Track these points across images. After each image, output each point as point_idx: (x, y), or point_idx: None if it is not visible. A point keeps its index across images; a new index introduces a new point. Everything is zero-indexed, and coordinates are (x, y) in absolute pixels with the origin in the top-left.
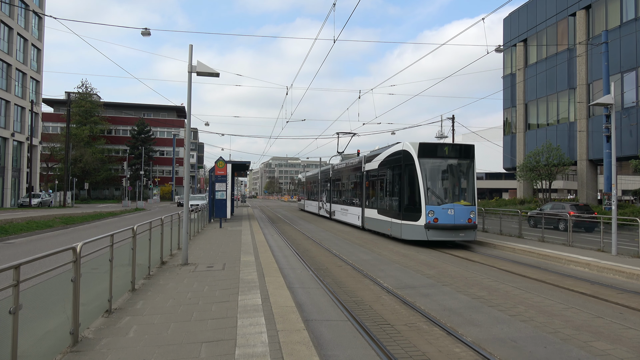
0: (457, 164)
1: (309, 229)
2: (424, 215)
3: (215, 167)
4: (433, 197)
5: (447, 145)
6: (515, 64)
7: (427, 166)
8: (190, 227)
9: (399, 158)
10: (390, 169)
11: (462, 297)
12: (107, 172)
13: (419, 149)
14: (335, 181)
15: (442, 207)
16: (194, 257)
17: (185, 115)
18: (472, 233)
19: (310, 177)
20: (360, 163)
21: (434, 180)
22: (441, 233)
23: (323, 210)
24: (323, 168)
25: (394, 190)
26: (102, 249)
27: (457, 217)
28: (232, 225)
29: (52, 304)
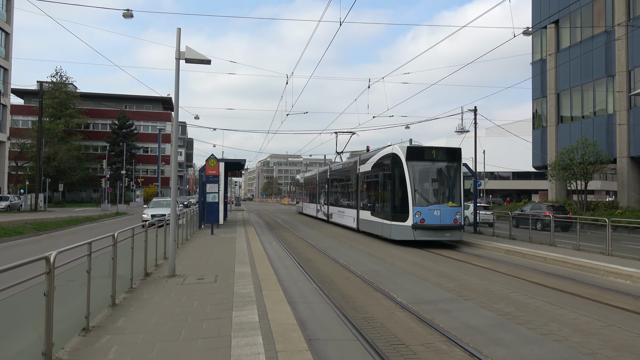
0: (444, 167)
1: (311, 235)
2: (411, 215)
3: (206, 166)
4: (420, 198)
5: (434, 148)
6: (546, 48)
7: (415, 169)
8: (178, 234)
9: (389, 161)
10: (381, 171)
11: (486, 313)
12: (84, 172)
13: (407, 152)
14: (333, 183)
15: (428, 208)
16: (183, 267)
17: (172, 107)
18: (458, 233)
19: (308, 178)
20: (356, 165)
21: (421, 182)
22: (427, 233)
23: (321, 213)
24: (321, 169)
25: (384, 192)
26: (78, 259)
27: (443, 217)
28: (225, 231)
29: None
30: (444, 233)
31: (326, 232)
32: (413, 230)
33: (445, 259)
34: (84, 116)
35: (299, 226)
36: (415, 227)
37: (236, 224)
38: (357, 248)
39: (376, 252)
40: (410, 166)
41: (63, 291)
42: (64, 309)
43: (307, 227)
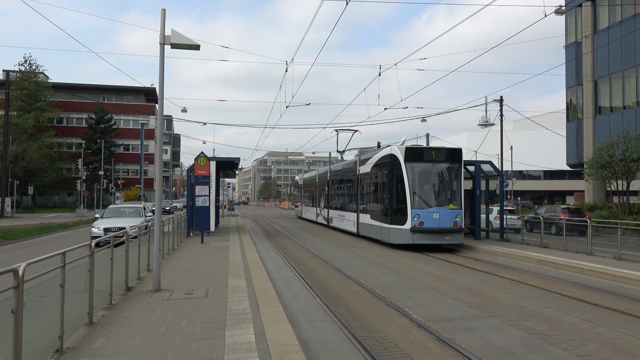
0: (444, 168)
1: (314, 243)
2: (410, 218)
3: (195, 165)
4: (419, 200)
5: (434, 149)
6: (581, 29)
7: (414, 170)
8: (164, 243)
9: (387, 162)
10: (380, 172)
11: (515, 332)
12: (57, 173)
13: (406, 153)
14: (333, 185)
15: (427, 211)
16: (169, 281)
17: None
18: (458, 237)
19: (307, 179)
20: (356, 165)
21: (420, 184)
22: (426, 236)
23: (321, 217)
24: (321, 170)
25: (383, 194)
26: (51, 272)
27: (442, 220)
28: (217, 239)
29: None
30: (443, 236)
31: (330, 239)
32: (412, 233)
33: (467, 270)
34: (56, 109)
35: (300, 233)
36: (413, 230)
37: (229, 231)
38: (365, 257)
39: (388, 262)
40: (408, 167)
41: (34, 308)
42: (34, 328)
43: (309, 233)
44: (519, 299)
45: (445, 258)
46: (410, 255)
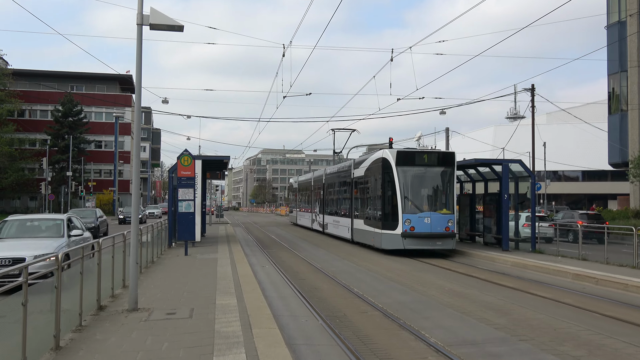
0: (436, 172)
1: (316, 256)
2: (401, 223)
3: (177, 165)
4: (410, 205)
5: (426, 152)
6: (625, 7)
7: (405, 174)
8: (142, 255)
9: (379, 166)
10: (372, 177)
11: (549, 358)
12: (17, 174)
13: (397, 156)
14: (328, 189)
15: (418, 216)
16: (148, 298)
17: (134, 88)
18: (450, 242)
19: (303, 183)
20: (350, 169)
21: (411, 189)
22: (417, 241)
23: (316, 223)
24: (316, 173)
25: (375, 199)
26: (11, 287)
27: (433, 225)
28: (203, 251)
29: None
30: (435, 241)
31: (334, 250)
32: (402, 238)
33: (493, 286)
34: (17, 100)
35: (299, 243)
36: (404, 235)
37: (217, 241)
38: (375, 271)
39: (400, 276)
40: (400, 172)
41: None
42: None
43: (310, 243)
44: (553, 320)
45: (467, 272)
46: (423, 268)
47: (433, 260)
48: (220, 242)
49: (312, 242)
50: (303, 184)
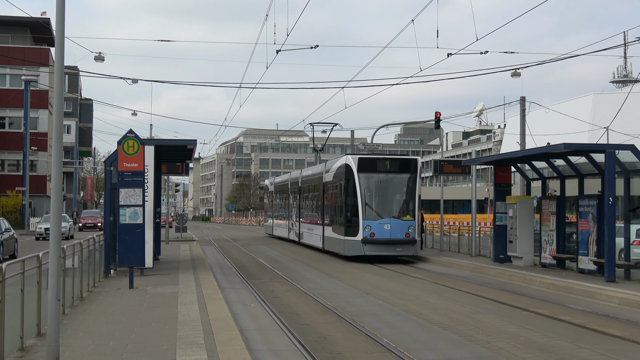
0: (398, 179)
1: (329, 290)
2: (361, 230)
3: (118, 153)
4: (371, 211)
5: (388, 159)
6: None
7: (367, 181)
8: (66, 288)
9: (342, 172)
10: (337, 183)
11: None
12: None
13: (359, 163)
14: (304, 193)
15: (378, 222)
16: (75, 354)
17: (52, 39)
18: (410, 248)
19: (279, 185)
20: (322, 173)
21: (372, 195)
22: (378, 248)
23: (292, 232)
24: (293, 174)
25: (340, 205)
26: None
27: (393, 231)
28: (157, 282)
29: None
30: (394, 248)
31: (351, 279)
32: (363, 245)
33: (594, 335)
34: None
35: (301, 270)
36: (364, 241)
37: (179, 267)
38: (419, 314)
39: (450, 317)
40: (361, 178)
41: None
42: None
43: (318, 270)
44: None
45: (552, 314)
46: (489, 309)
47: (503, 296)
48: (183, 269)
49: (331, 274)
50: (280, 187)
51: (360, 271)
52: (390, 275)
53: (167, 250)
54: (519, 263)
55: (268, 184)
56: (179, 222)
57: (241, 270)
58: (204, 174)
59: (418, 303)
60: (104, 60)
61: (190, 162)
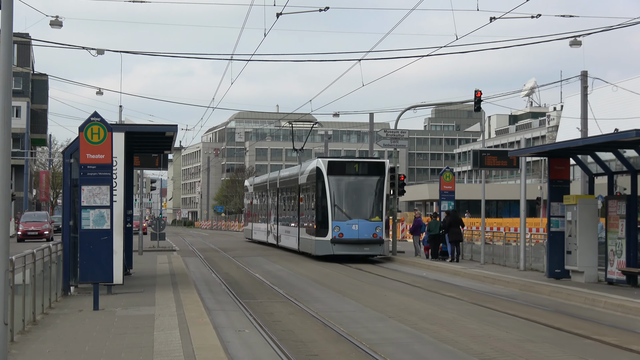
0: (366, 181)
1: (342, 312)
2: (331, 230)
3: (80, 140)
4: (340, 212)
5: (357, 162)
6: None
7: (336, 183)
8: (15, 310)
9: (313, 175)
10: (309, 185)
11: None
12: None
13: (329, 166)
14: (282, 195)
15: (347, 223)
16: None
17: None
18: (378, 247)
19: (259, 185)
20: (297, 175)
21: (342, 197)
22: (346, 247)
23: (271, 235)
24: (272, 175)
25: (312, 206)
26: None
27: (361, 232)
28: (128, 302)
29: None
30: (362, 247)
31: (371, 299)
32: (332, 244)
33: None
34: None
35: (307, 287)
36: (334, 241)
37: (155, 283)
38: (460, 345)
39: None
40: (331, 181)
41: None
42: None
43: (328, 288)
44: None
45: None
46: (537, 336)
47: (560, 320)
48: (161, 286)
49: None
50: (259, 187)
51: (382, 289)
52: (419, 294)
53: (141, 262)
54: (579, 279)
55: (248, 185)
56: (155, 227)
57: (233, 287)
58: (187, 168)
59: (453, 329)
60: (61, 26)
61: (170, 152)
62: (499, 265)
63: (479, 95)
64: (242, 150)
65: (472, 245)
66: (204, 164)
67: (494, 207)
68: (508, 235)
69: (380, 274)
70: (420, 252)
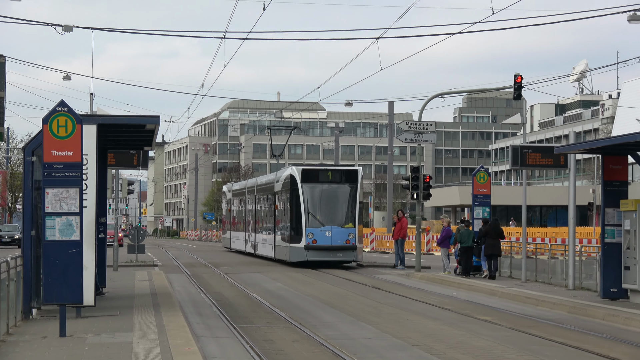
0: (339, 189)
1: (357, 340)
2: (304, 237)
3: (44, 134)
4: (314, 219)
5: (330, 170)
6: None
7: (310, 190)
8: None
9: (287, 182)
10: (284, 193)
11: None
12: None
13: (302, 174)
14: (259, 202)
15: (320, 229)
16: None
17: None
18: (351, 254)
19: (237, 192)
20: (273, 182)
21: (315, 204)
22: (319, 253)
23: (249, 244)
24: (249, 181)
25: (287, 214)
26: None
27: (334, 238)
28: (101, 327)
29: None
30: (335, 253)
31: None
32: (306, 251)
33: None
34: None
35: (314, 309)
36: (307, 247)
37: (133, 304)
38: None
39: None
40: (305, 188)
41: None
42: None
43: (339, 310)
44: None
45: None
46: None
47: (616, 349)
48: (140, 308)
49: (344, 309)
50: (238, 193)
51: (403, 311)
52: (447, 318)
53: (117, 279)
54: (639, 300)
55: (226, 191)
56: (133, 238)
57: (226, 309)
58: (171, 167)
59: None
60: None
61: (151, 149)
62: (543, 284)
63: (519, 80)
64: (237, 146)
65: (512, 259)
66: (192, 162)
67: (538, 214)
68: (554, 247)
69: (401, 294)
70: (449, 267)
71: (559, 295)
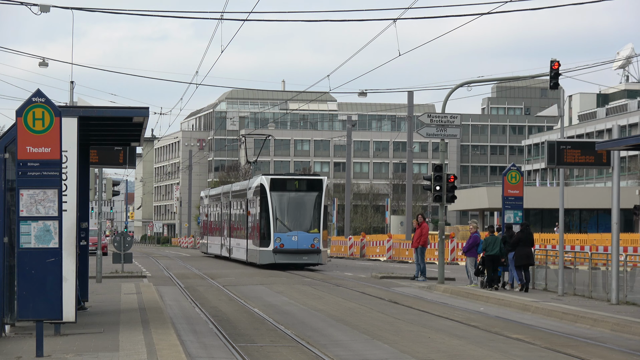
0: (305, 196)
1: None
2: (272, 241)
3: (18, 128)
4: (282, 225)
5: (297, 179)
6: None
7: (278, 198)
8: None
9: (258, 190)
10: (255, 200)
11: None
12: None
13: (271, 183)
14: (234, 207)
15: (287, 234)
16: None
17: None
18: (315, 257)
19: (214, 197)
20: (246, 189)
21: (283, 211)
22: (287, 256)
23: (224, 248)
24: (225, 187)
25: (257, 219)
26: None
27: (300, 242)
28: (82, 345)
29: None
30: (301, 256)
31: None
32: (274, 254)
33: None
34: None
35: (323, 325)
36: (275, 251)
37: (119, 320)
38: None
39: None
40: (273, 196)
41: None
42: None
43: (351, 327)
44: None
45: None
46: None
47: None
48: (127, 325)
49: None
50: (214, 199)
51: (425, 329)
52: (474, 336)
53: (100, 292)
54: None
55: (203, 196)
56: (119, 245)
57: (224, 327)
58: (161, 165)
59: None
60: None
61: (139, 145)
62: (582, 297)
63: (556, 67)
64: (235, 141)
65: (547, 269)
66: (185, 160)
67: (577, 218)
68: (595, 256)
69: (422, 309)
70: (476, 279)
71: (600, 311)
